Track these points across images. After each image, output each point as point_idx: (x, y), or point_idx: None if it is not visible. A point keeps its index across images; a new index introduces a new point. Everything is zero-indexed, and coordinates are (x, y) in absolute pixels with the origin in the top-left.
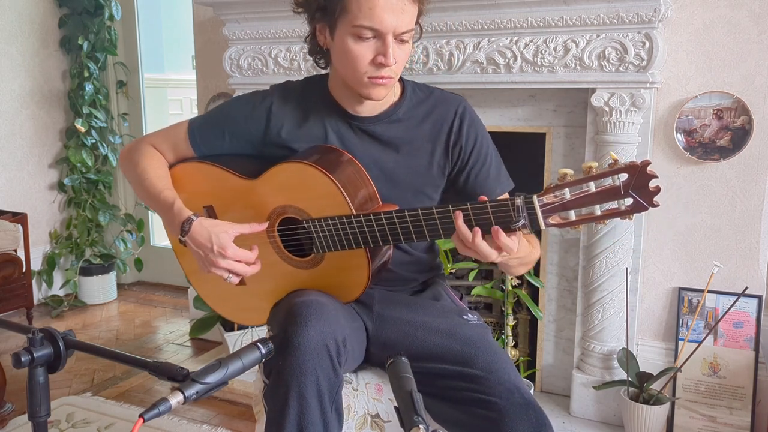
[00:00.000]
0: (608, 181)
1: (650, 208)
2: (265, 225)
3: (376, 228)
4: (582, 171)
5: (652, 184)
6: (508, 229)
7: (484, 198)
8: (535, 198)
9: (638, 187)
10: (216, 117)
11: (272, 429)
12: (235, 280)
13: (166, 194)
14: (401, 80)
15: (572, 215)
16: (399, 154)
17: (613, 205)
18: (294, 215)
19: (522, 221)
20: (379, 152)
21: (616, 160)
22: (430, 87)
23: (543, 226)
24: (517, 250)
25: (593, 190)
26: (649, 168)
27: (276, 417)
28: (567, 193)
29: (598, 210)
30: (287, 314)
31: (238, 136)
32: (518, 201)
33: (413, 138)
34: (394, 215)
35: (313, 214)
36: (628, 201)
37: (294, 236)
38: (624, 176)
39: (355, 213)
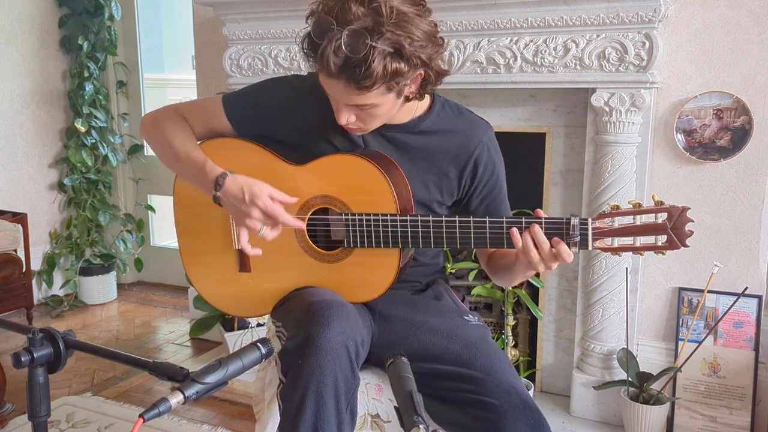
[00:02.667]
0: (651, 218)
1: (682, 247)
2: (294, 200)
3: (420, 231)
4: (629, 205)
5: (689, 227)
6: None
7: (541, 214)
8: (589, 221)
9: (676, 228)
10: (255, 91)
11: (287, 426)
12: (269, 234)
13: (197, 155)
14: (432, 93)
15: (615, 242)
16: (414, 165)
17: (651, 239)
18: (330, 206)
19: (576, 239)
20: (396, 160)
21: (660, 201)
22: (461, 107)
23: (590, 248)
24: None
25: (637, 223)
26: (688, 213)
27: (292, 415)
28: (615, 222)
29: (637, 241)
30: (308, 314)
31: (276, 115)
32: (574, 221)
33: (431, 153)
34: (443, 220)
35: (355, 208)
36: (664, 238)
37: (317, 229)
38: (664, 215)
39: (400, 213)
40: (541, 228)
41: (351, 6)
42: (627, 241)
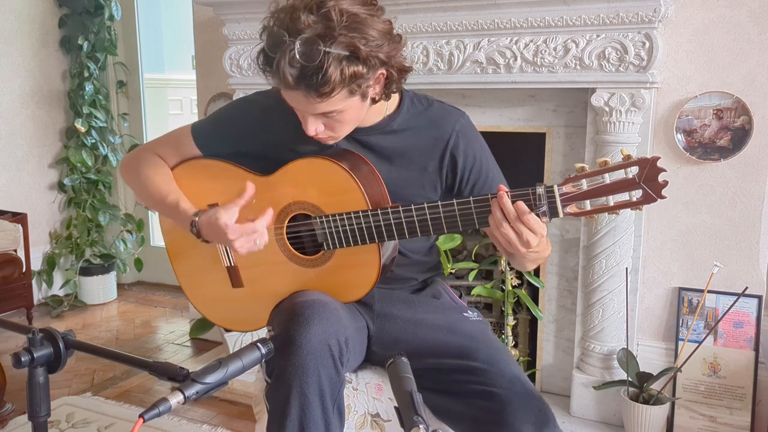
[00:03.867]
0: (621, 174)
1: (659, 199)
2: (253, 188)
3: (392, 221)
4: (597, 165)
5: (661, 177)
6: None
7: (504, 188)
8: (555, 187)
9: (648, 180)
10: (221, 119)
11: (274, 428)
12: (261, 245)
13: (171, 198)
14: (401, 90)
15: (588, 205)
16: (392, 165)
17: (625, 196)
18: (306, 212)
19: (543, 208)
20: (373, 162)
21: (628, 155)
22: (430, 99)
23: (561, 215)
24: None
25: (607, 181)
26: (658, 162)
27: (277, 416)
28: (584, 184)
29: (611, 201)
30: (289, 314)
31: (245, 138)
32: (540, 189)
33: (406, 150)
34: (412, 208)
35: (327, 210)
36: (639, 193)
37: (302, 235)
38: (635, 169)
39: (372, 208)
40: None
41: (300, 15)
42: (600, 202)
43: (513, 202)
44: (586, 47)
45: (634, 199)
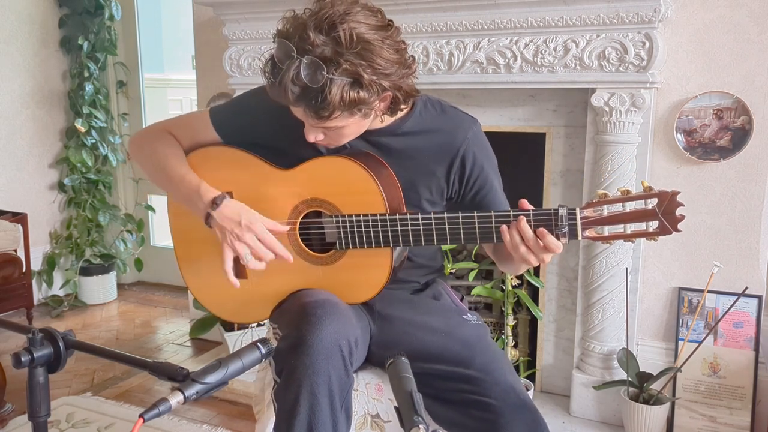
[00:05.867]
0: (641, 204)
1: (674, 232)
2: (287, 228)
3: (410, 228)
4: (617, 192)
5: (679, 211)
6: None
7: (526, 205)
8: (578, 210)
9: (666, 213)
10: (241, 107)
11: (282, 427)
12: (253, 263)
13: (190, 177)
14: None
15: (605, 231)
16: (400, 167)
17: (642, 226)
18: (321, 209)
19: (564, 229)
20: None
21: (649, 187)
22: (443, 104)
23: (580, 237)
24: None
25: (627, 210)
26: (678, 197)
27: (286, 415)
28: (604, 210)
29: (628, 229)
30: (301, 313)
31: (264, 129)
32: (562, 211)
33: (416, 153)
34: (431, 217)
35: (344, 209)
36: (656, 224)
37: (311, 232)
38: (654, 201)
39: (390, 212)
40: (529, 220)
41: (310, 34)
42: (617, 229)
43: (535, 225)
44: (586, 47)
45: (651, 230)
